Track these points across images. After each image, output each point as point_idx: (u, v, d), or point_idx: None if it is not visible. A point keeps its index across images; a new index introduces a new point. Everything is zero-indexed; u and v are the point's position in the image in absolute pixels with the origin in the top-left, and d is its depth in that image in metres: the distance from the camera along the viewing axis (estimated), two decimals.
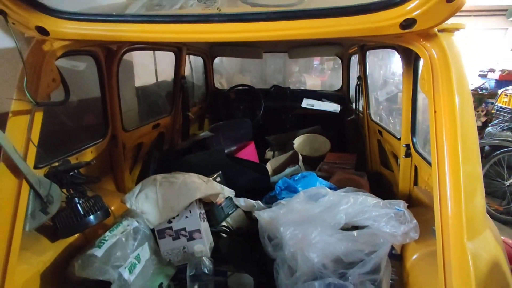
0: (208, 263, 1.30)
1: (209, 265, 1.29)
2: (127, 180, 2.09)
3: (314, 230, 1.25)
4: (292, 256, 1.25)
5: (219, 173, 1.84)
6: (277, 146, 3.00)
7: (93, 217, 1.30)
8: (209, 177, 1.71)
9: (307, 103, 3.19)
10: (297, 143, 2.92)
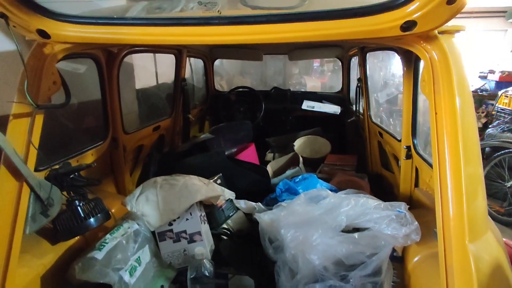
0: (208, 265, 1.30)
1: (209, 268, 1.29)
2: (127, 183, 2.09)
3: (315, 232, 1.25)
4: (293, 259, 1.25)
5: (220, 175, 1.84)
6: (278, 148, 3.00)
7: (94, 220, 1.30)
8: (209, 179, 1.71)
9: (307, 105, 3.19)
10: (298, 145, 2.92)
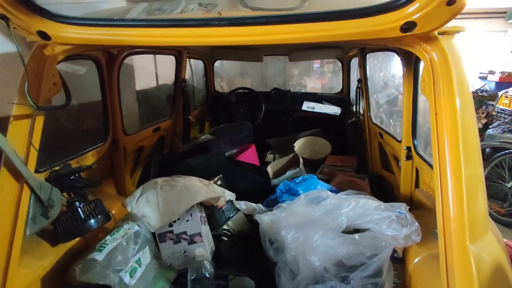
0: (209, 266, 1.30)
1: (210, 269, 1.29)
2: (128, 184, 2.08)
3: (315, 234, 1.25)
4: (294, 260, 1.25)
5: (220, 176, 1.84)
6: (278, 149, 3.00)
7: (94, 221, 1.30)
8: (210, 181, 1.71)
9: (307, 105, 3.20)
10: (298, 146, 2.92)
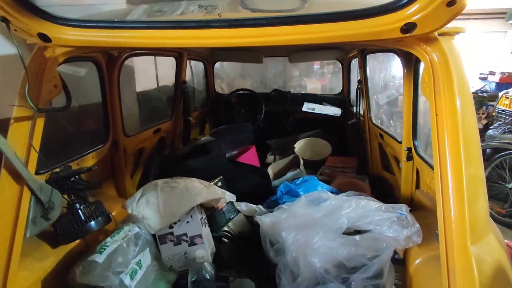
0: (209, 268, 1.29)
1: (210, 271, 1.28)
2: (128, 186, 2.08)
3: (316, 235, 1.25)
4: (294, 261, 1.24)
5: (220, 177, 1.84)
6: (278, 150, 3.00)
7: (94, 223, 1.30)
8: (210, 182, 1.71)
9: (307, 107, 3.20)
10: (298, 147, 2.91)
